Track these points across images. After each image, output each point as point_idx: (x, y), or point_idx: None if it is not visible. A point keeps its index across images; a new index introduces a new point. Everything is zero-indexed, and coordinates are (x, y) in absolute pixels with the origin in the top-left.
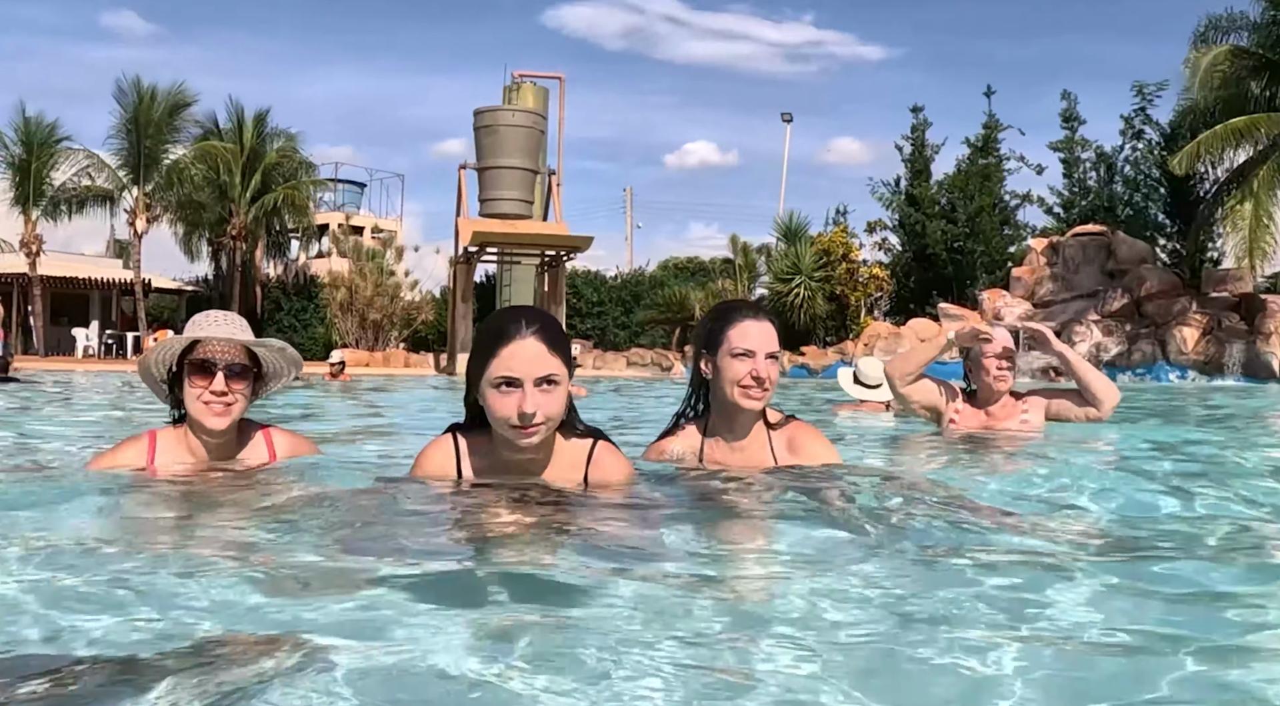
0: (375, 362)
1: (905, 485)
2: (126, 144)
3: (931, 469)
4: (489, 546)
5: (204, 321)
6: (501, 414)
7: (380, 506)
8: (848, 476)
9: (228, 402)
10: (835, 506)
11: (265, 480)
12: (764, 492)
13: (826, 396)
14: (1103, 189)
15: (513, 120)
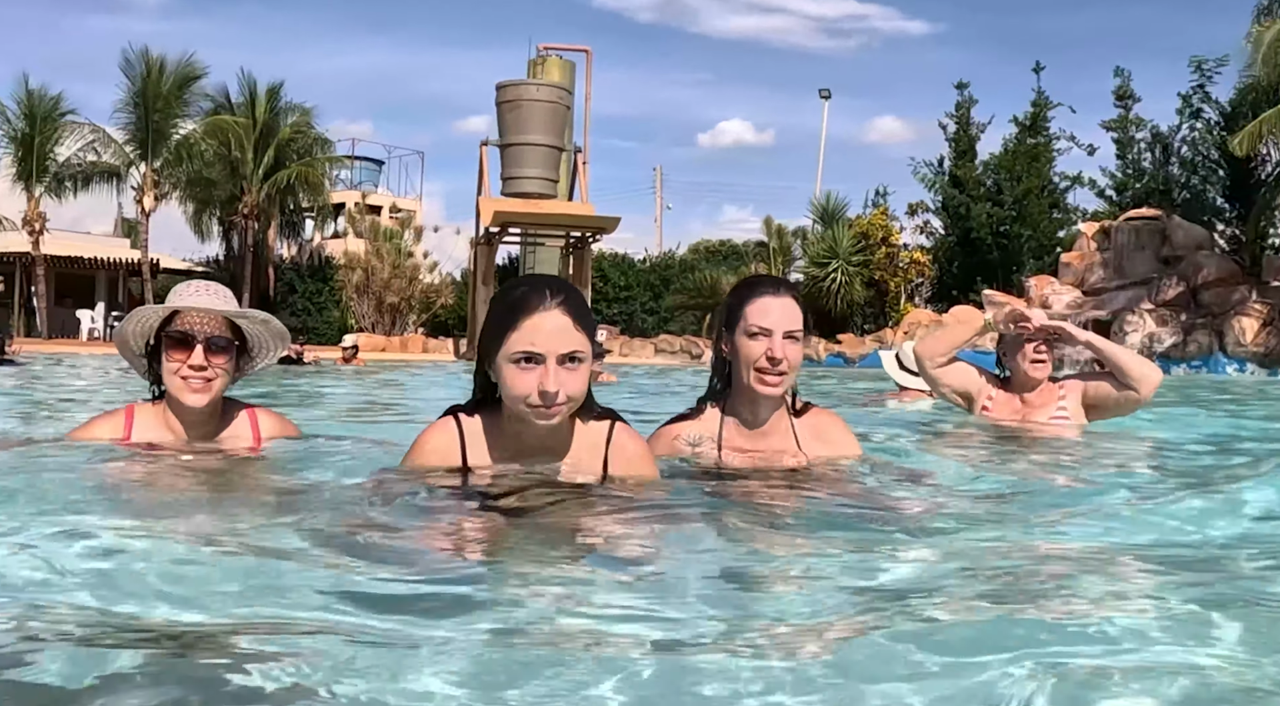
0: (392, 347)
1: (933, 485)
2: (134, 118)
3: (966, 470)
4: (490, 544)
5: (184, 291)
6: (520, 392)
7: (368, 495)
8: (876, 474)
9: (207, 378)
10: (864, 507)
11: (246, 463)
12: (791, 490)
13: (861, 386)
14: (1158, 171)
15: (537, 95)
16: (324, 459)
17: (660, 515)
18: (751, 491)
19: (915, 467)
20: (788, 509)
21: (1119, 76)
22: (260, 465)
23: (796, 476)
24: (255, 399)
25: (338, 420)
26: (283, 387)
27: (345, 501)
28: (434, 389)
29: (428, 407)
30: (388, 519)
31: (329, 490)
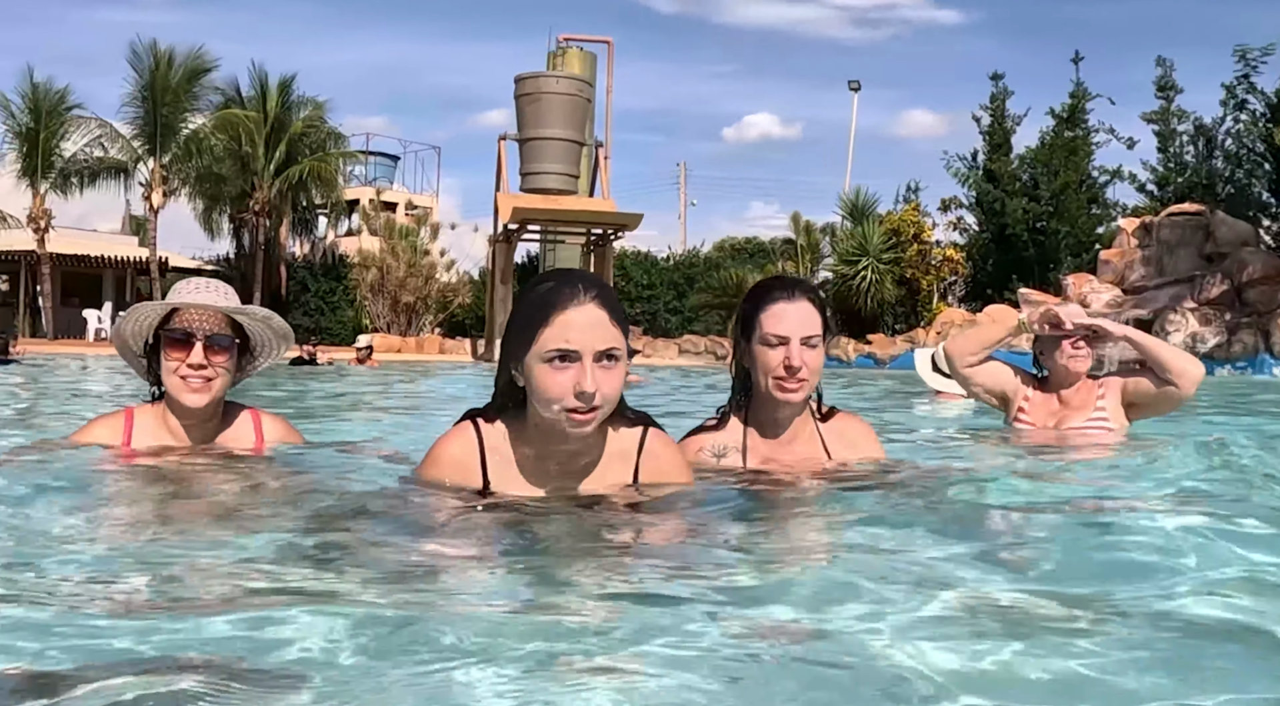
0: (408, 348)
1: (970, 489)
2: (142, 112)
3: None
4: (508, 564)
5: (184, 288)
6: (553, 394)
7: (380, 507)
8: (907, 480)
9: (207, 378)
10: (903, 512)
11: (248, 467)
12: (825, 498)
13: (871, 387)
14: (1201, 164)
15: (557, 87)
16: (329, 465)
17: (694, 530)
18: (785, 501)
19: (946, 475)
20: (825, 517)
21: (1160, 67)
22: (263, 469)
23: (828, 483)
24: (264, 400)
25: (349, 424)
26: (293, 390)
27: (354, 512)
28: (450, 391)
29: (443, 411)
30: (400, 534)
31: (336, 499)
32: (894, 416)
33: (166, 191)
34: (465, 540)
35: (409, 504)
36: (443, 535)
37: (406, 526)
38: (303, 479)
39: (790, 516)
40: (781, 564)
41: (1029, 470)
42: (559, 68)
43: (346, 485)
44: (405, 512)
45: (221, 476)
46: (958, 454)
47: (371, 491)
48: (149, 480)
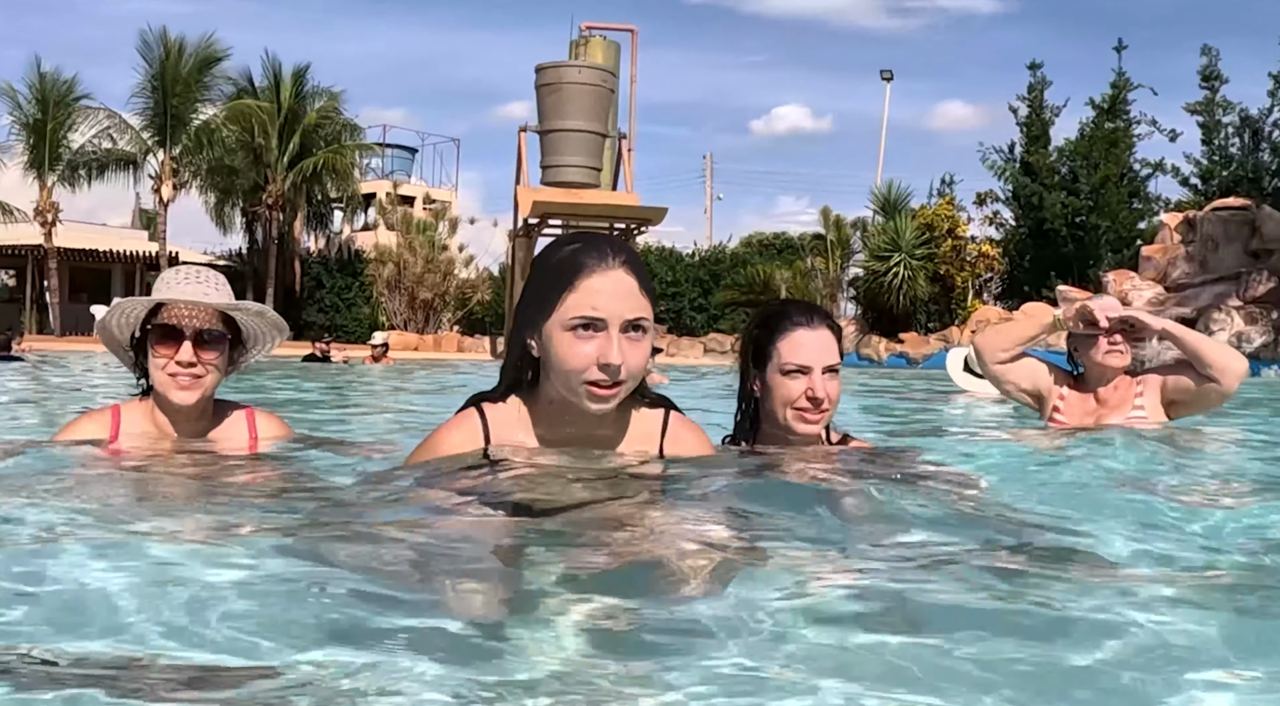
0: (425, 346)
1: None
2: (151, 103)
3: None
4: (516, 561)
5: (172, 279)
6: (575, 364)
7: (370, 499)
8: (937, 493)
9: (196, 375)
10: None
11: (241, 464)
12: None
13: (916, 386)
14: (1247, 157)
15: (579, 78)
16: (326, 463)
17: (728, 525)
18: (809, 517)
19: (975, 481)
20: (848, 530)
21: (1205, 55)
22: (257, 467)
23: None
24: (270, 396)
25: (351, 422)
26: (300, 387)
27: (343, 506)
28: (466, 390)
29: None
30: (395, 528)
31: (328, 495)
32: (928, 416)
33: (177, 184)
34: (465, 532)
35: (404, 498)
36: (440, 528)
37: (401, 520)
38: (296, 474)
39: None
40: (802, 572)
41: (1051, 466)
42: (581, 57)
43: (339, 482)
44: (402, 506)
45: (211, 472)
46: (988, 454)
47: (365, 487)
48: (135, 476)
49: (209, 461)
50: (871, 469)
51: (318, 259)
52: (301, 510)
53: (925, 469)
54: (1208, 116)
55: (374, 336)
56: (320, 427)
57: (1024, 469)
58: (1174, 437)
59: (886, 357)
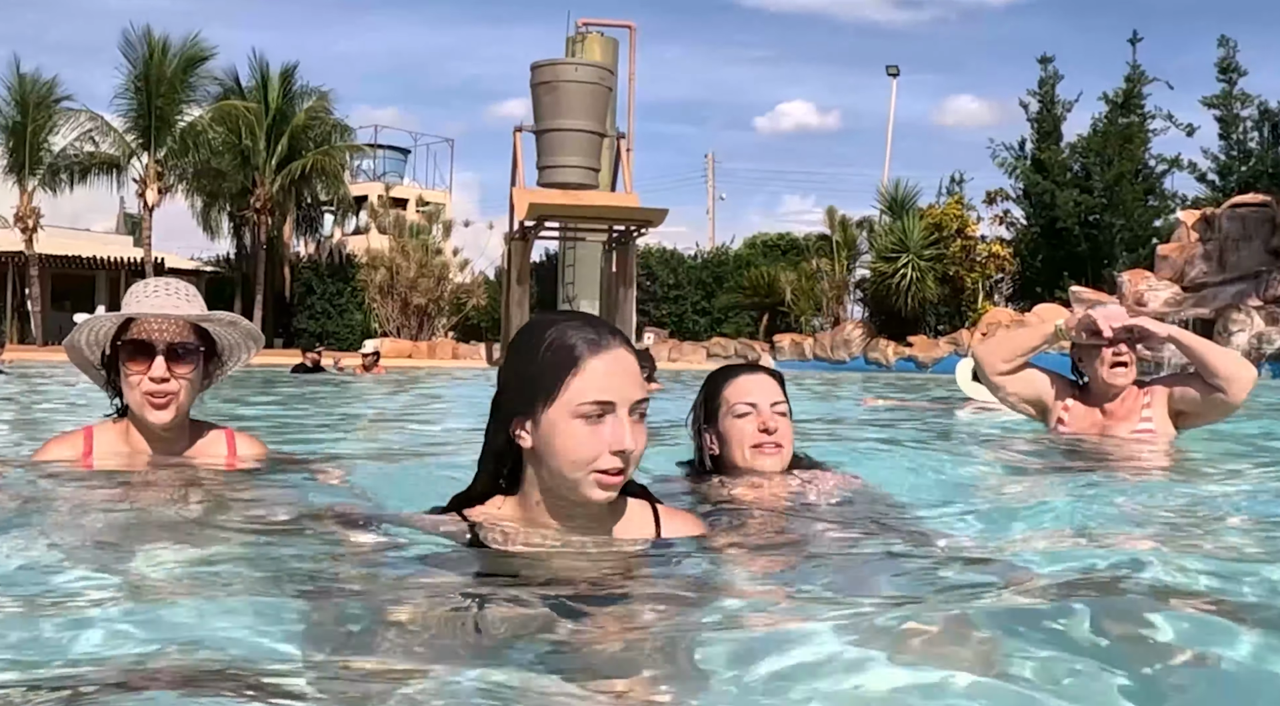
0: (419, 353)
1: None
2: (135, 104)
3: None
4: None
5: (141, 292)
6: (585, 453)
7: (369, 543)
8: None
9: (170, 391)
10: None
11: (221, 484)
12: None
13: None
14: (1266, 151)
15: (576, 75)
16: (307, 483)
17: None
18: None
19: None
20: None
21: (1223, 47)
22: (239, 486)
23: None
24: (261, 413)
25: (337, 440)
26: (279, 398)
27: (336, 538)
28: (464, 401)
29: (455, 421)
30: (388, 569)
31: (309, 522)
32: (934, 423)
33: (162, 188)
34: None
35: (394, 542)
36: (432, 576)
37: (387, 562)
38: (273, 494)
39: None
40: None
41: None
42: (578, 54)
43: (318, 504)
44: (387, 550)
45: (187, 493)
46: (986, 467)
47: (348, 516)
48: (109, 498)
49: (184, 479)
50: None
51: (308, 264)
52: (279, 534)
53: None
54: (1225, 110)
55: (365, 345)
56: (311, 447)
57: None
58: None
59: (895, 361)
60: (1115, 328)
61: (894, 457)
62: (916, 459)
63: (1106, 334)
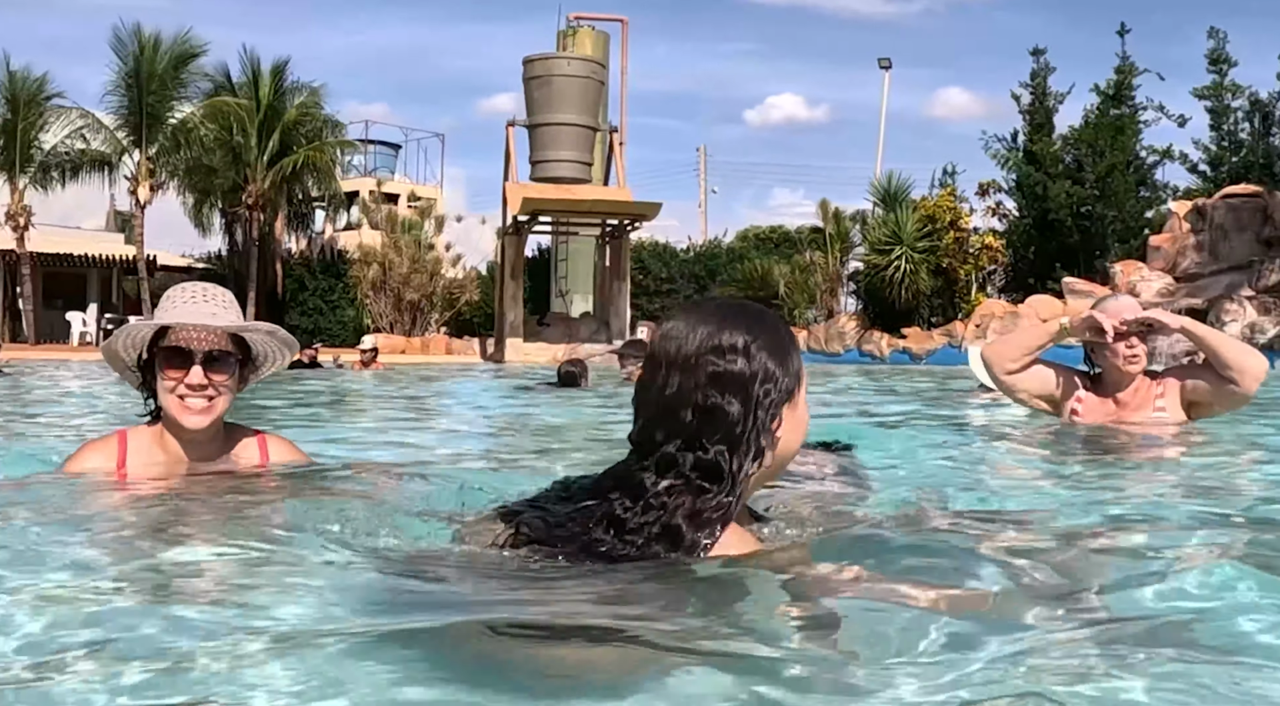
0: (412, 349)
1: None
2: (126, 101)
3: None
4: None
5: (178, 297)
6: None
7: (438, 562)
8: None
9: (208, 396)
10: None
11: (260, 490)
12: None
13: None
14: (1258, 142)
15: (568, 70)
16: (343, 488)
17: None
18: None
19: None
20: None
21: (1213, 38)
22: (272, 492)
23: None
24: (259, 408)
25: (358, 437)
26: (289, 397)
27: (394, 557)
28: (469, 398)
29: (470, 425)
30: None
31: (368, 529)
32: (947, 414)
33: (154, 185)
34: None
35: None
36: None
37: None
38: (314, 502)
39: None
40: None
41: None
42: (570, 48)
43: (366, 515)
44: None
45: (228, 500)
46: (1001, 457)
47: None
48: (149, 506)
49: (223, 485)
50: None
51: (300, 260)
52: (328, 543)
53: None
54: (1216, 101)
55: (363, 341)
56: (321, 440)
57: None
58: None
59: (889, 353)
60: (1128, 320)
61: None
62: (923, 441)
63: (1109, 335)
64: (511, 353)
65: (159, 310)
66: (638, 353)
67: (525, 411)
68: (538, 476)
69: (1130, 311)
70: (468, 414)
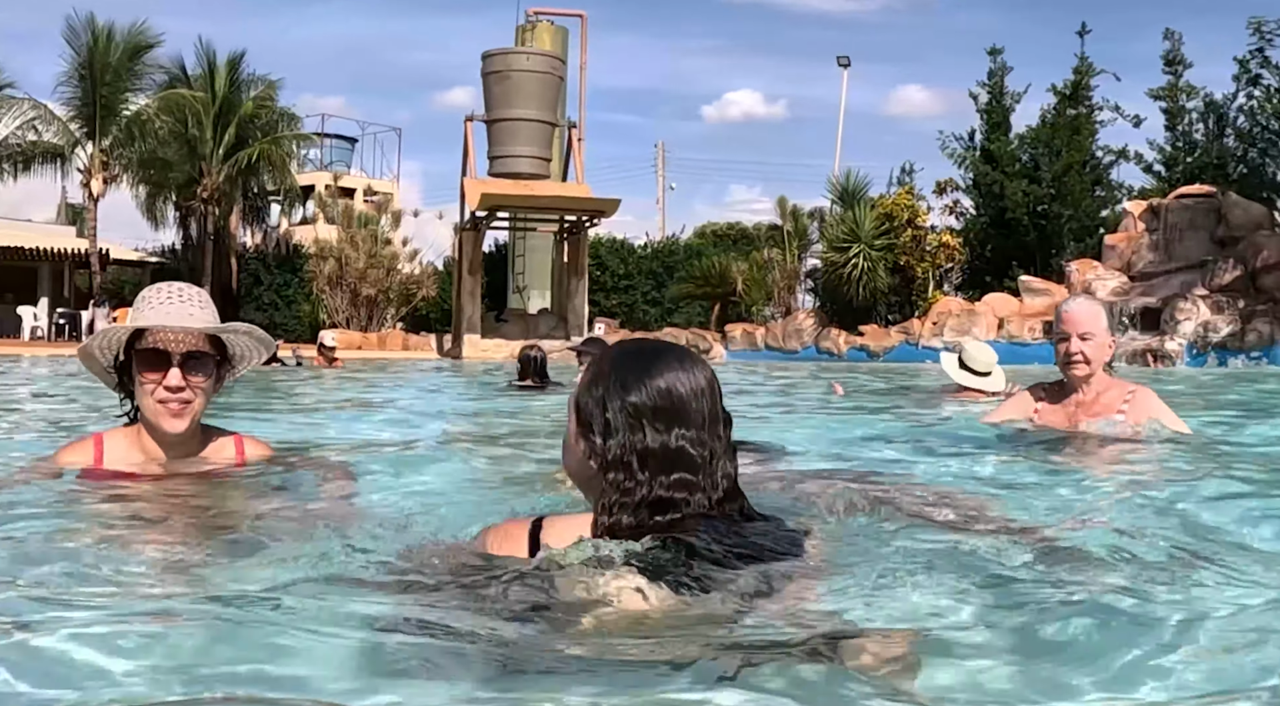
0: (369, 345)
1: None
2: (79, 93)
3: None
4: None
5: (154, 299)
6: None
7: (420, 553)
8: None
9: (185, 399)
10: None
11: (237, 489)
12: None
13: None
14: (1212, 143)
15: (527, 65)
16: (317, 489)
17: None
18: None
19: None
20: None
21: (1168, 40)
22: (247, 491)
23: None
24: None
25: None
26: (259, 398)
27: (372, 547)
28: (432, 392)
29: (435, 421)
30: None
31: (349, 529)
32: (915, 413)
33: (107, 178)
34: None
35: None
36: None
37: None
38: (289, 504)
39: None
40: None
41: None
42: (529, 43)
43: (338, 515)
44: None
45: (204, 499)
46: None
47: (385, 522)
48: (132, 506)
49: (200, 489)
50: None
51: (255, 255)
52: (300, 541)
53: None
54: (1171, 102)
55: (322, 337)
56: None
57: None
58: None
59: (846, 351)
60: (1066, 329)
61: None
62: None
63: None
64: (469, 349)
65: (134, 311)
66: (595, 349)
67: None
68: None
69: (1089, 314)
70: (449, 412)
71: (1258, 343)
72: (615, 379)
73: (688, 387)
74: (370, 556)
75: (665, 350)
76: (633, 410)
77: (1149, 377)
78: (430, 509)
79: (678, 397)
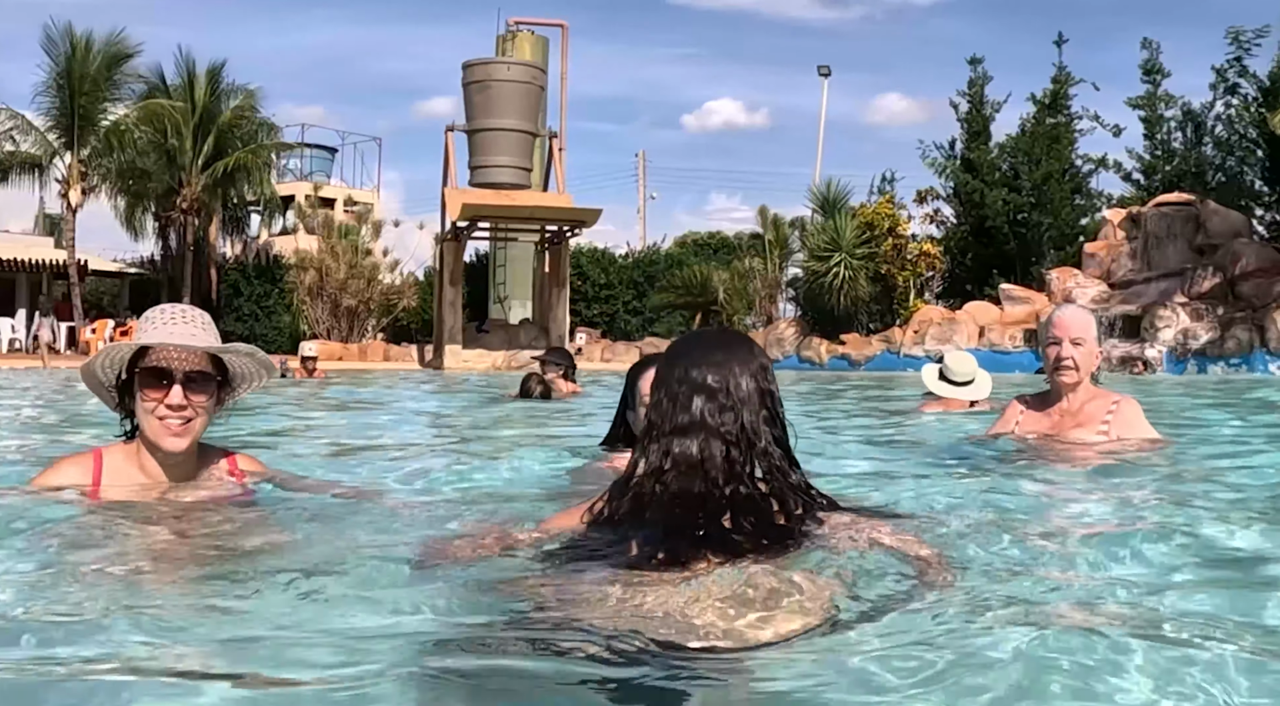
0: (350, 355)
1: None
2: (57, 102)
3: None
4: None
5: (158, 319)
6: None
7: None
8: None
9: (186, 417)
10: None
11: (239, 511)
12: None
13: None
14: (1190, 152)
15: (508, 74)
16: (321, 509)
17: None
18: None
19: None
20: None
21: (1146, 49)
22: (248, 513)
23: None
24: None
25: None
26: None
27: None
28: (420, 405)
29: (426, 435)
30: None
31: (336, 549)
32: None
33: (85, 188)
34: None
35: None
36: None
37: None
38: (292, 524)
39: None
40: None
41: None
42: (509, 53)
43: (342, 532)
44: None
45: (204, 521)
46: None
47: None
48: (122, 529)
49: (199, 506)
50: None
51: (235, 265)
52: (305, 561)
53: None
54: (1150, 111)
55: (303, 347)
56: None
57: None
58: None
59: (828, 359)
60: (1056, 334)
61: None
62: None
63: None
64: (450, 359)
65: (138, 331)
66: (559, 360)
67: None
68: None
69: (1081, 321)
70: (440, 422)
71: (1237, 349)
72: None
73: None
74: (371, 568)
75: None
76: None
77: (1129, 384)
78: (432, 520)
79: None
